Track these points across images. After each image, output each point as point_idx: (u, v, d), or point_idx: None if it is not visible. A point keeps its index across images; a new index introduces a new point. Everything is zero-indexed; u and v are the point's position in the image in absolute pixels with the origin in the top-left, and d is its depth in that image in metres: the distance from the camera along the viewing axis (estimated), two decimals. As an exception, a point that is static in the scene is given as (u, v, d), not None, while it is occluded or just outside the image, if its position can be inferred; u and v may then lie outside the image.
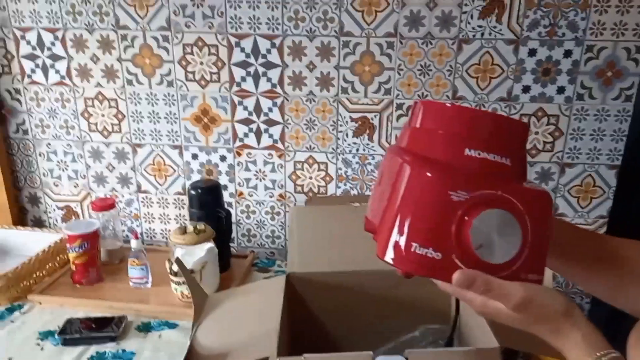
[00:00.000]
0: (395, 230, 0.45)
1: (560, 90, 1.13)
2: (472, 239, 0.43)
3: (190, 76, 1.22)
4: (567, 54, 1.11)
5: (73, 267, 1.12)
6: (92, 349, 0.95)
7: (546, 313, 0.44)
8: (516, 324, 0.46)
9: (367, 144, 1.23)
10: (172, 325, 1.03)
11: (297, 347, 0.70)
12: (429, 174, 0.44)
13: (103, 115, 1.28)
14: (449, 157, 0.46)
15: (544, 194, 0.46)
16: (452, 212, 0.43)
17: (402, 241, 0.45)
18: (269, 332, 0.57)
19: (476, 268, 0.44)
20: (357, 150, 1.24)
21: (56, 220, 1.39)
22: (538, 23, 1.09)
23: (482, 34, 1.11)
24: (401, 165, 0.46)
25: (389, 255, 0.46)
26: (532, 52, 1.11)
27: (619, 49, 1.09)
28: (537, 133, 1.17)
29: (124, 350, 0.95)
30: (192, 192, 1.15)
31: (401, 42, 1.14)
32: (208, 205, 1.15)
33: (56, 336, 0.97)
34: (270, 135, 1.25)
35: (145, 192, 1.34)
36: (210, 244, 1.09)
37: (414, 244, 0.44)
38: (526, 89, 1.14)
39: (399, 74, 1.17)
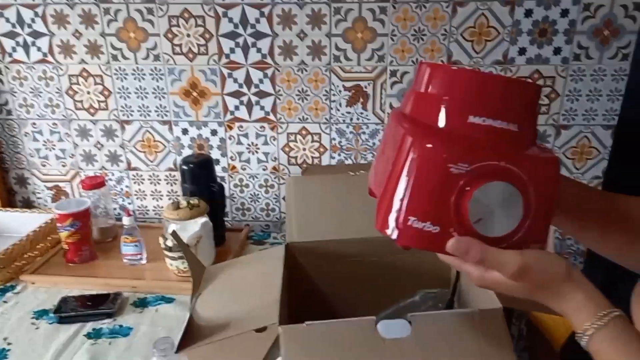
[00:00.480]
0: (394, 203, 0.44)
1: (557, 51, 1.11)
2: (470, 213, 0.41)
3: (177, 49, 1.19)
4: (564, 13, 1.08)
5: (65, 247, 1.10)
6: (89, 326, 0.94)
7: (546, 279, 0.43)
8: (517, 293, 0.45)
9: (361, 113, 1.21)
10: (169, 300, 1.02)
11: (298, 316, 0.69)
12: (428, 146, 0.42)
13: (89, 93, 1.24)
14: (452, 125, 0.44)
15: (551, 161, 0.44)
16: (452, 185, 0.42)
17: (401, 214, 0.44)
18: (270, 302, 0.56)
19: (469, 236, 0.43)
20: (351, 119, 1.22)
21: (45, 201, 1.37)
22: (533, -18, 1.06)
23: (476, -5, 1.08)
24: (403, 135, 0.44)
25: (387, 228, 0.45)
26: (528, 13, 1.09)
27: (616, 6, 1.06)
28: (533, 96, 1.15)
29: (120, 326, 0.94)
30: (184, 167, 1.12)
31: (394, 7, 1.11)
32: (201, 179, 1.13)
33: (51, 315, 0.96)
34: (262, 108, 1.22)
35: (135, 169, 1.31)
36: (204, 218, 1.07)
37: (412, 218, 0.43)
38: (522, 51, 1.12)
39: (393, 39, 1.14)
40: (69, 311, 0.97)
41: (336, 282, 0.72)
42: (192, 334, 0.52)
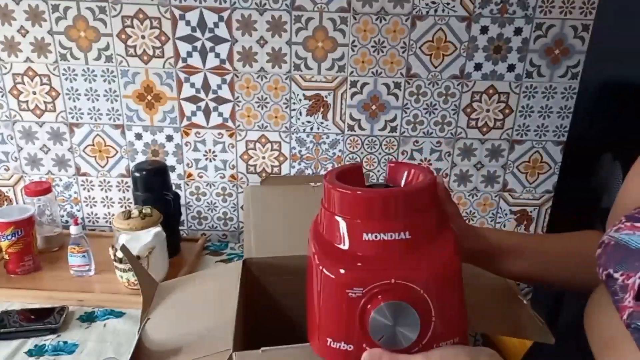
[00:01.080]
0: (314, 323, 0.48)
1: (511, 68, 1.14)
2: (372, 334, 0.44)
3: (131, 51, 1.14)
4: (518, 31, 1.12)
5: (6, 257, 1.04)
6: (30, 342, 0.88)
7: None
8: None
9: (322, 123, 1.20)
10: (118, 314, 0.97)
11: (257, 336, 0.67)
12: (327, 273, 0.45)
13: (34, 93, 1.18)
14: (351, 245, 0.46)
15: (448, 260, 0.46)
16: (353, 308, 0.44)
17: (319, 336, 0.47)
18: (225, 323, 0.53)
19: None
20: (312, 129, 1.21)
21: (-14, 207, 1.28)
22: (490, 0, 1.09)
23: (436, 10, 1.10)
24: (312, 256, 0.48)
25: (315, 348, 0.49)
26: (484, 30, 1.12)
27: (566, 27, 1.11)
28: (488, 110, 1.18)
29: (65, 342, 0.89)
30: (137, 174, 1.08)
31: (354, 18, 1.11)
32: (154, 187, 1.09)
33: (-12, 331, 0.89)
34: (220, 114, 1.19)
35: (85, 174, 1.25)
36: (157, 228, 1.03)
37: (328, 339, 0.46)
38: (478, 67, 1.15)
39: (353, 50, 1.14)
40: (9, 326, 0.91)
41: (297, 299, 0.70)
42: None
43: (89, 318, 0.96)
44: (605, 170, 1.83)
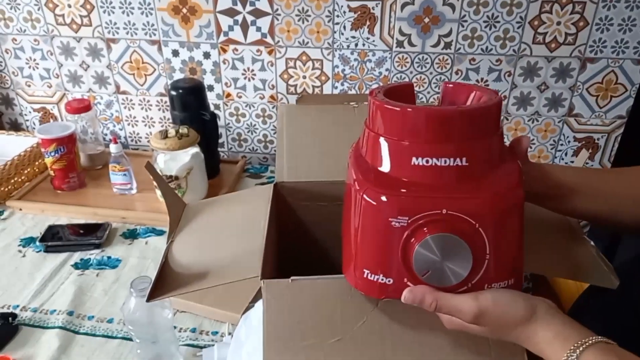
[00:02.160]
0: (350, 254, 0.44)
1: (592, -29, 0.98)
2: (416, 267, 0.40)
3: (165, -43, 1.06)
4: None
5: (52, 173, 1.06)
6: (76, 256, 0.92)
7: (506, 322, 0.40)
8: (485, 335, 0.43)
9: (367, 38, 1.10)
10: (160, 232, 0.99)
11: (287, 263, 0.65)
12: (370, 201, 0.41)
13: (70, 6, 1.14)
14: (397, 170, 0.41)
15: (509, 193, 0.40)
16: (396, 239, 0.40)
17: (355, 267, 0.43)
18: (253, 250, 0.51)
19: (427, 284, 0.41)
20: (356, 45, 1.11)
21: (33, 123, 1.31)
22: None
23: None
24: (351, 184, 0.43)
25: (350, 279, 0.45)
26: None
27: None
28: (559, 23, 1.03)
29: (109, 257, 0.92)
30: (173, 92, 1.04)
31: None
32: (191, 107, 1.06)
33: (38, 243, 0.93)
34: (258, 29, 1.11)
35: (125, 92, 1.23)
36: (195, 149, 1.01)
37: (365, 270, 0.43)
38: (552, -30, 0.99)
39: (405, -48, 1.00)
40: (55, 240, 0.94)
41: (331, 227, 0.66)
42: (165, 282, 0.48)
43: (131, 235, 0.98)
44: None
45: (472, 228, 0.39)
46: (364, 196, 0.41)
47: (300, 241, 0.66)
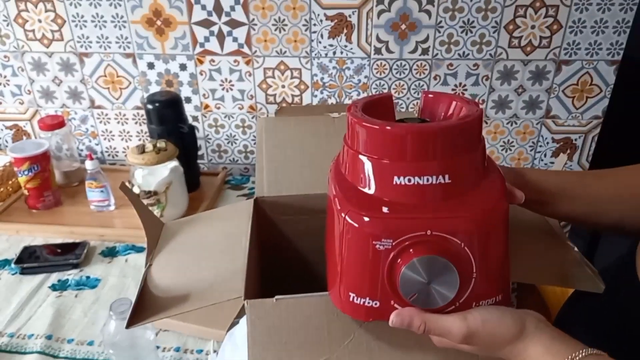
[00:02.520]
0: (335, 277, 0.43)
1: (563, -26, 0.99)
2: (402, 291, 0.39)
3: (137, -31, 1.04)
4: None
5: (26, 192, 1.03)
6: (54, 277, 0.89)
7: (496, 341, 0.40)
8: (475, 353, 0.42)
9: (345, 46, 1.10)
10: (140, 249, 0.96)
11: (270, 280, 0.63)
12: (350, 221, 0.39)
13: (40, 21, 1.11)
14: (379, 189, 0.40)
15: (495, 208, 0.40)
16: (381, 261, 0.39)
17: (341, 290, 0.42)
18: (235, 269, 0.49)
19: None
20: (334, 53, 1.11)
21: (6, 141, 1.27)
22: None
23: None
24: (333, 199, 0.42)
25: (336, 302, 0.44)
26: None
27: None
28: (533, 27, 1.05)
29: (88, 277, 0.89)
30: (149, 106, 1.03)
31: None
32: (168, 120, 1.04)
33: (13, 265, 0.90)
34: (235, 39, 1.10)
35: (100, 107, 1.21)
36: (174, 163, 0.99)
37: (351, 294, 0.42)
38: (524, -25, 1.00)
39: (380, -41, 1.01)
40: (32, 261, 0.91)
41: (313, 240, 0.65)
42: (145, 307, 0.47)
43: (110, 253, 0.95)
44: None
45: (458, 247, 0.38)
46: (346, 218, 0.40)
47: (282, 255, 0.65)
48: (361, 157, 0.41)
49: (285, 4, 1.06)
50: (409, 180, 0.39)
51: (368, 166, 0.40)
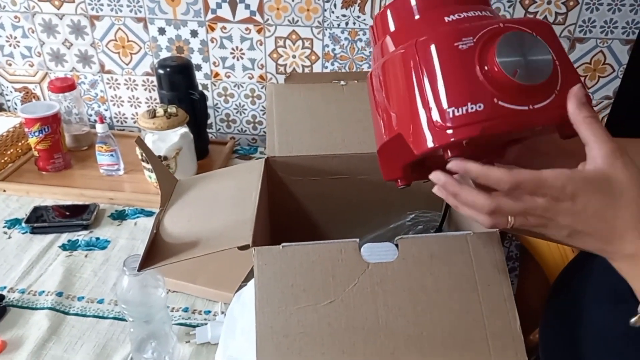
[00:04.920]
0: (421, 114, 0.41)
1: (582, -51, 0.98)
2: (505, 69, 0.39)
3: None
4: None
5: (36, 154, 1.04)
6: (64, 237, 0.90)
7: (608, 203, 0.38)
8: (560, 229, 0.39)
9: (358, 17, 1.09)
10: (149, 213, 0.97)
11: (281, 236, 0.64)
12: (426, 39, 0.41)
13: (51, -19, 1.10)
14: (433, 28, 0.43)
15: (541, 21, 0.44)
16: (469, 60, 0.40)
17: (436, 115, 0.40)
18: (244, 220, 0.50)
19: (520, 99, 0.40)
20: (347, 24, 1.10)
21: (15, 104, 1.27)
22: None
23: None
24: (397, 57, 0.43)
25: (430, 140, 0.41)
26: None
27: None
28: (549, 2, 1.04)
29: (97, 238, 0.90)
30: (160, 71, 1.02)
31: None
32: (179, 86, 1.04)
33: (23, 224, 0.91)
34: (247, 6, 1.09)
35: (109, 72, 1.20)
36: (184, 129, 1.00)
37: (450, 110, 0.40)
38: (543, -52, 0.98)
39: None
40: (41, 221, 0.92)
41: (322, 202, 0.67)
42: (156, 252, 0.48)
43: (120, 216, 0.96)
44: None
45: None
46: (420, 42, 0.41)
47: (292, 215, 0.66)
48: (408, 22, 0.45)
49: (299, -28, 1.04)
50: (459, 16, 0.43)
51: (418, 22, 0.45)
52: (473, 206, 0.41)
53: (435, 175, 0.43)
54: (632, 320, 0.41)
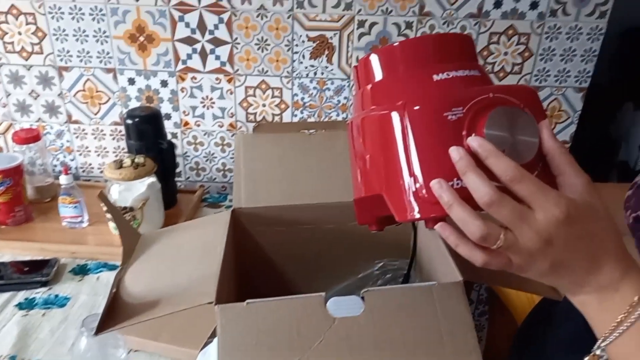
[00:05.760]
0: (406, 182, 0.40)
1: (534, 5, 1.04)
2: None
3: (121, -14, 1.05)
4: (543, -37, 1.01)
5: (-4, 207, 1.00)
6: (20, 295, 0.86)
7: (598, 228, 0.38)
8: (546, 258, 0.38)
9: (326, 67, 1.12)
10: (112, 267, 0.94)
11: (245, 291, 0.63)
12: (417, 108, 0.40)
13: (20, 34, 1.10)
14: (422, 90, 0.42)
15: (528, 87, 0.43)
16: (457, 132, 0.39)
17: (421, 186, 0.40)
18: (209, 275, 0.49)
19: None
20: (315, 74, 1.13)
21: (-23, 156, 1.24)
22: None
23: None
24: (383, 117, 0.42)
25: (415, 210, 0.41)
26: (505, -39, 1.01)
27: (598, -42, 1.00)
28: (506, 54, 1.09)
29: (56, 295, 0.86)
30: (129, 120, 1.02)
31: (362, -52, 1.01)
32: (147, 135, 1.03)
33: (-22, 283, 0.87)
34: (217, 57, 1.11)
35: (76, 122, 1.19)
36: (151, 179, 0.98)
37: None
38: (498, 4, 1.04)
39: (360, -15, 1.04)
40: (-2, 278, 0.88)
41: (290, 252, 0.66)
42: (115, 312, 0.46)
43: (81, 271, 0.93)
44: (626, 120, 1.74)
45: (519, 107, 0.40)
46: (408, 107, 0.40)
47: (259, 266, 0.65)
48: (395, 74, 0.44)
49: (269, 24, 1.08)
50: (448, 75, 0.42)
51: (405, 78, 0.44)
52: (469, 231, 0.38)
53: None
54: (585, 359, 0.40)
